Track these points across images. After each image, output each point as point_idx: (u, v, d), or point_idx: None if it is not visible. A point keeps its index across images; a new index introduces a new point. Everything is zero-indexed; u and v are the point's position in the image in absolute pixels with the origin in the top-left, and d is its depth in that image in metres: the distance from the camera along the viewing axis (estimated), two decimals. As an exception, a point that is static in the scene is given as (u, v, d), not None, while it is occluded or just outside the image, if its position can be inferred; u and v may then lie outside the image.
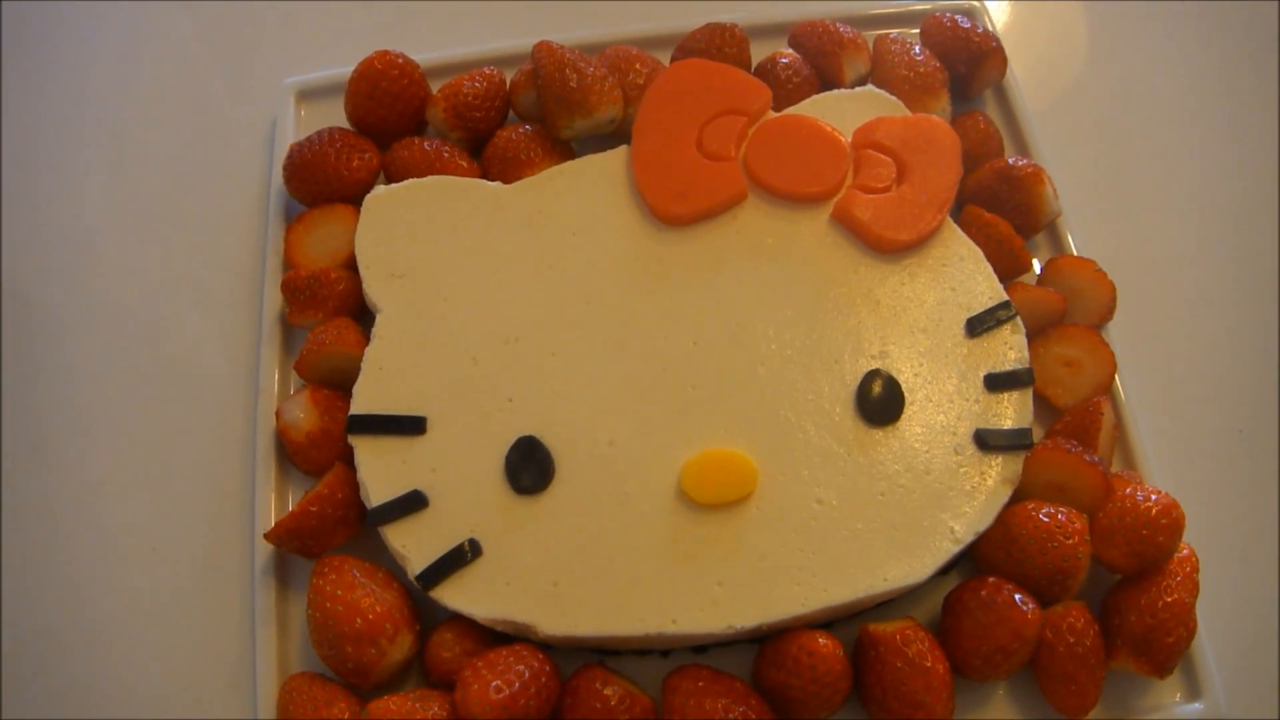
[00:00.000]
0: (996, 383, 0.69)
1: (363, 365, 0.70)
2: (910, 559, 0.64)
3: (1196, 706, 0.66)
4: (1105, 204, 0.86)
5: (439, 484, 0.66)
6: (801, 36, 0.84)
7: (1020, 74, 0.87)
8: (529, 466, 0.66)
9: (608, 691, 0.61)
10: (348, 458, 0.68)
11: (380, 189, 0.76)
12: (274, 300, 0.77)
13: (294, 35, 0.95)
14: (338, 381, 0.71)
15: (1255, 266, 0.84)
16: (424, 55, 0.83)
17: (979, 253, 0.73)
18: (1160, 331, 0.81)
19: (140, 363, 0.80)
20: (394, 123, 0.80)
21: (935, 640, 0.63)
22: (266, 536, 0.67)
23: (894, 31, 0.86)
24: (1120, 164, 0.89)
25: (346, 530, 0.68)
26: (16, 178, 0.88)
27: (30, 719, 0.68)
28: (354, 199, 0.77)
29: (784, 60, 0.82)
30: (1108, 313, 0.75)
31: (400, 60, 0.80)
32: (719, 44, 0.82)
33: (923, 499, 0.66)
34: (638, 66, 0.80)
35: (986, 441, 0.67)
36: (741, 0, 0.90)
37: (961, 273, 0.73)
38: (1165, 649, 0.63)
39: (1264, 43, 0.95)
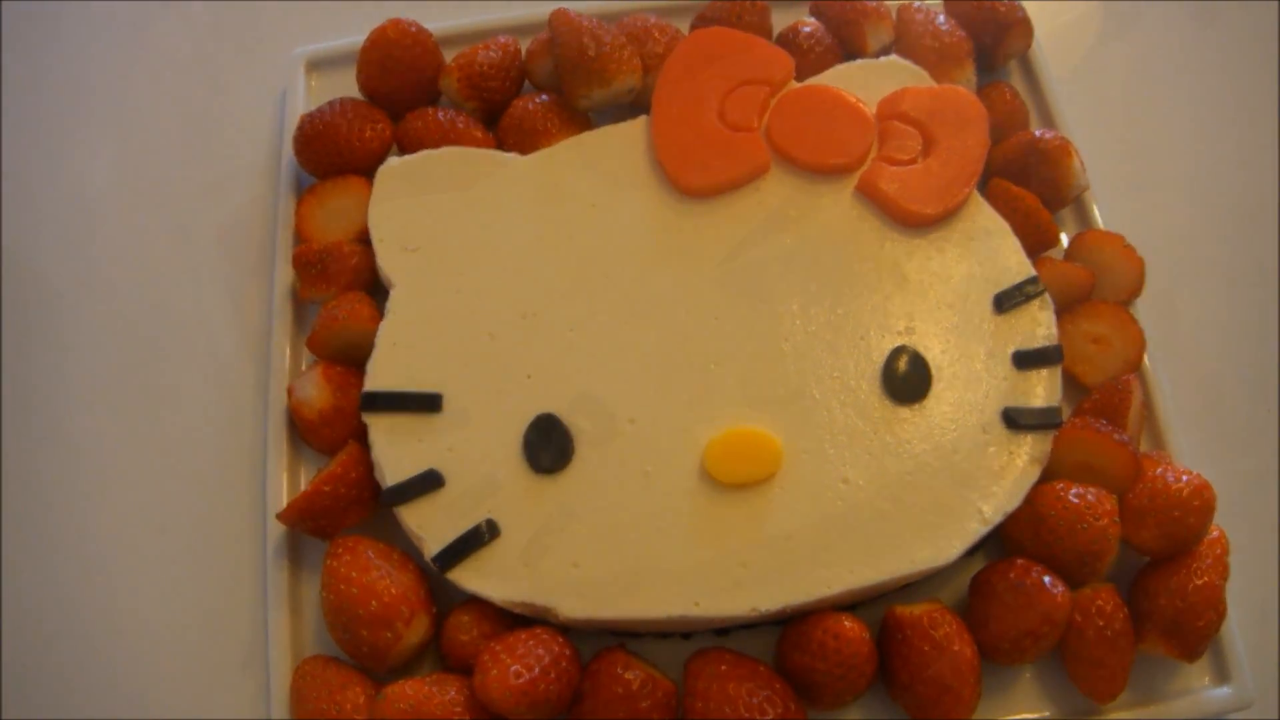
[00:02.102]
0: (1025, 360, 0.68)
1: (376, 341, 0.69)
2: (938, 540, 0.63)
3: (1225, 691, 0.65)
4: (1133, 177, 0.84)
5: (455, 463, 0.65)
6: (823, 5, 0.83)
7: (1043, 44, 0.85)
8: (548, 445, 0.65)
9: (629, 675, 0.60)
10: (361, 436, 0.67)
11: (393, 160, 0.75)
12: (285, 275, 0.76)
13: (304, 3, 0.93)
14: (351, 358, 0.70)
15: (1287, 241, 0.83)
16: (437, 24, 0.82)
17: (1006, 227, 0.72)
18: (1189, 308, 0.80)
19: (148, 340, 0.79)
20: (407, 93, 0.79)
21: (963, 623, 0.62)
22: (279, 517, 0.66)
23: (917, 0, 0.84)
24: (1147, 136, 0.88)
25: (361, 510, 0.67)
26: (20, 151, 0.87)
27: (40, 700, 0.68)
28: (366, 171, 0.76)
29: (805, 29, 0.81)
30: (1136, 288, 0.74)
31: (413, 29, 0.79)
32: (739, 12, 0.81)
33: (950, 479, 0.64)
34: (656, 35, 0.79)
35: (1015, 420, 0.66)
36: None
37: (989, 247, 0.71)
38: (1195, 632, 0.63)
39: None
